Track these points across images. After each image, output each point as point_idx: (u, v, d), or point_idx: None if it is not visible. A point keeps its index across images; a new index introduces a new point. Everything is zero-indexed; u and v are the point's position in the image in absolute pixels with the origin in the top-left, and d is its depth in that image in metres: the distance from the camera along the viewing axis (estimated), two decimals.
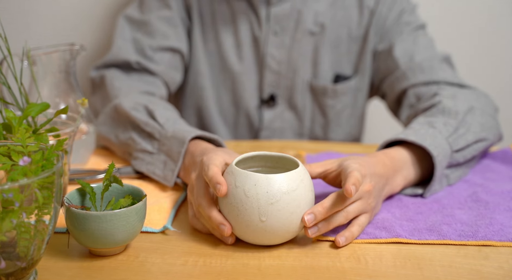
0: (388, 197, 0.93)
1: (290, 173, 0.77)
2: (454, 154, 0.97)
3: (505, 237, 0.82)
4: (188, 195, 0.86)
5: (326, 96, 1.32)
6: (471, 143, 0.99)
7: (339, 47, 1.30)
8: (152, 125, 1.02)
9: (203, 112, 1.36)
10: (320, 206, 0.78)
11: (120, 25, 1.27)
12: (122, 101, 1.09)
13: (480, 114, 1.05)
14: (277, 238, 0.78)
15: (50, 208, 0.67)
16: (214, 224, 0.78)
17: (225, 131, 1.37)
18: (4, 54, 0.91)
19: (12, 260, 0.66)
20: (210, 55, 1.32)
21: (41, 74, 1.03)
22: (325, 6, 1.28)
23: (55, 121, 0.91)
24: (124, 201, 0.78)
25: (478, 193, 0.95)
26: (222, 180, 0.77)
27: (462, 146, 0.98)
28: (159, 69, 1.23)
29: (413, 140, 0.94)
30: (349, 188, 0.78)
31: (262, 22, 1.27)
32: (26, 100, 0.89)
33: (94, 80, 1.23)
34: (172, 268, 0.75)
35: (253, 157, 0.84)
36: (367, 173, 0.83)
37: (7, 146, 0.72)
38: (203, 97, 1.34)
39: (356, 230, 0.81)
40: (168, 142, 0.98)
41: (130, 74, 1.22)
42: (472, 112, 1.04)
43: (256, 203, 0.75)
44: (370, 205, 0.83)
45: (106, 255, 0.77)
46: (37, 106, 0.83)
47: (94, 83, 1.23)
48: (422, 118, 1.03)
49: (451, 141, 0.96)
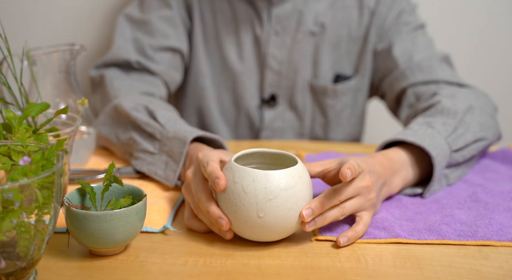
0: (387, 197, 0.93)
1: (288, 169, 0.77)
2: (453, 153, 0.97)
3: (505, 237, 0.82)
4: (184, 193, 0.86)
5: (326, 96, 1.32)
6: (470, 143, 0.99)
7: (339, 48, 1.30)
8: (153, 125, 1.02)
9: (204, 112, 1.36)
10: (317, 200, 0.78)
11: (120, 24, 1.27)
12: (122, 102, 1.09)
13: (479, 113, 1.05)
14: (275, 234, 0.78)
15: (50, 208, 0.67)
16: (213, 218, 0.79)
17: (226, 131, 1.37)
18: (4, 54, 0.91)
19: (12, 260, 0.66)
20: (211, 55, 1.32)
21: (41, 74, 1.03)
22: (326, 7, 1.28)
23: (55, 121, 0.91)
24: (124, 201, 0.78)
25: (478, 193, 0.95)
26: (221, 175, 0.78)
27: (461, 145, 0.98)
28: (159, 69, 1.23)
29: (412, 141, 0.94)
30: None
31: (263, 22, 1.27)
32: (26, 100, 0.89)
33: (93, 80, 1.23)
34: (172, 268, 0.75)
35: (252, 154, 0.84)
36: (367, 168, 0.83)
37: (7, 146, 0.72)
38: (204, 97, 1.34)
39: (360, 229, 0.81)
40: (169, 142, 0.98)
41: (130, 73, 1.22)
42: (471, 111, 1.04)
43: (254, 199, 0.75)
44: (370, 201, 0.83)
45: (106, 255, 0.77)
46: (37, 106, 0.83)
47: (94, 82, 1.23)
48: (421, 119, 1.03)
49: (450, 140, 0.96)
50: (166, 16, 1.26)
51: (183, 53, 1.28)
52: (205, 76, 1.32)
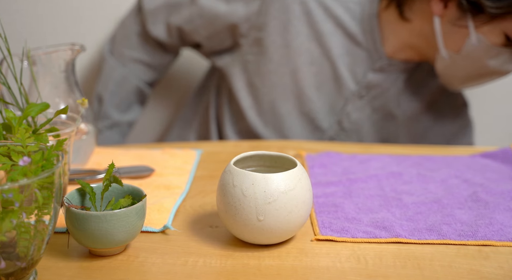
0: (387, 197, 0.93)
1: (288, 172, 0.77)
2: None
3: (505, 236, 0.82)
4: None
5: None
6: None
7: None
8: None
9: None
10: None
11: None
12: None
13: None
14: (274, 237, 0.78)
15: (50, 208, 0.67)
16: None
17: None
18: (4, 54, 0.91)
19: (12, 260, 0.66)
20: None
21: (41, 74, 1.03)
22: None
23: (55, 121, 0.91)
24: (124, 201, 0.78)
25: (478, 193, 0.95)
26: None
27: None
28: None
29: None
30: None
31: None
32: (26, 100, 0.89)
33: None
34: (172, 268, 0.75)
35: (252, 156, 0.84)
36: None
37: (7, 146, 0.72)
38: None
39: None
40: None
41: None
42: None
43: (253, 202, 0.75)
44: None
45: (106, 255, 0.77)
46: (37, 106, 0.83)
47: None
48: None
49: None
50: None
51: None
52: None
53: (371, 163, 1.09)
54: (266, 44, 1.30)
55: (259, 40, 1.31)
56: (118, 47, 1.43)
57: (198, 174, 1.05)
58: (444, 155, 1.16)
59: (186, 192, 0.96)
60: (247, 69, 1.33)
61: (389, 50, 1.30)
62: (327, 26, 1.29)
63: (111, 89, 1.43)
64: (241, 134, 1.39)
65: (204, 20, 1.33)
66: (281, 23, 1.29)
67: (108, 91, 1.43)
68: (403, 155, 1.15)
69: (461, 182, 1.00)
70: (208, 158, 1.12)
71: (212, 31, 1.34)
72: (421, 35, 1.26)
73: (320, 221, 0.86)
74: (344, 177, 1.01)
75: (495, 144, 1.47)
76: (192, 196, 0.96)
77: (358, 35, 1.29)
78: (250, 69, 1.33)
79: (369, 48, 1.30)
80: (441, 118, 1.40)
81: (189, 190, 0.98)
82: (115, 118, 1.44)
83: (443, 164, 1.09)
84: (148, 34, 1.40)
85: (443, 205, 0.92)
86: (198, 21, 1.34)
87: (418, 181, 1.01)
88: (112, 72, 1.43)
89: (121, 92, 1.44)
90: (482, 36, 1.17)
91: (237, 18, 1.30)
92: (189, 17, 1.34)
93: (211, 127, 1.44)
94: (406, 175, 1.03)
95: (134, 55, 1.42)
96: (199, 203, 0.93)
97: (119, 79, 1.43)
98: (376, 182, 1.00)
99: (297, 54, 1.30)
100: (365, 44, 1.30)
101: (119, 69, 1.42)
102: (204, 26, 1.34)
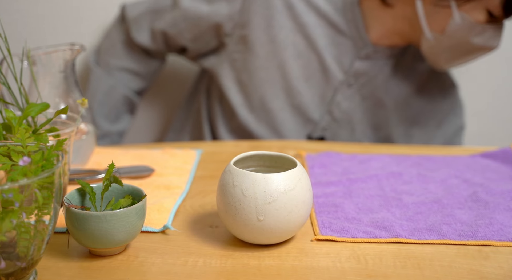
0: (387, 197, 0.93)
1: (287, 172, 0.77)
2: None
3: (505, 236, 0.82)
4: None
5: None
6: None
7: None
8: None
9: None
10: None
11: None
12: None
13: None
14: (274, 237, 0.78)
15: (50, 208, 0.67)
16: None
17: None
18: (4, 54, 0.91)
19: (12, 260, 0.66)
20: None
21: (41, 74, 1.03)
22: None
23: (55, 121, 0.91)
24: (124, 201, 0.78)
25: (478, 193, 0.95)
26: None
27: None
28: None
29: None
30: None
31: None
32: (26, 100, 0.89)
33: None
34: (172, 268, 0.75)
35: (252, 156, 0.84)
36: None
37: (7, 146, 0.72)
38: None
39: None
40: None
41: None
42: None
43: (253, 202, 0.75)
44: None
45: (106, 255, 0.77)
46: (37, 106, 0.83)
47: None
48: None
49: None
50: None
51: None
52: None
53: (371, 163, 1.09)
54: (251, 41, 1.31)
55: (244, 37, 1.31)
56: (104, 57, 1.43)
57: (198, 174, 1.05)
58: (444, 155, 1.16)
59: (186, 192, 0.96)
60: (235, 67, 1.34)
61: (373, 37, 1.31)
62: (310, 18, 1.30)
63: (99, 99, 1.43)
64: (234, 133, 1.39)
65: (188, 23, 1.34)
66: (264, 19, 1.30)
67: (96, 101, 1.43)
68: (403, 155, 1.15)
69: (461, 182, 1.00)
70: (208, 158, 1.12)
71: (197, 33, 1.35)
72: (405, 19, 1.27)
73: (320, 221, 0.86)
74: (344, 177, 1.01)
75: (495, 144, 1.47)
76: (192, 196, 0.96)
77: (341, 25, 1.30)
78: (238, 67, 1.33)
79: (353, 37, 1.31)
80: (431, 101, 1.41)
81: (189, 190, 0.98)
82: (105, 129, 1.45)
83: (443, 164, 1.09)
84: (133, 42, 1.41)
85: (443, 205, 0.92)
86: (182, 25, 1.34)
87: (418, 181, 1.01)
88: (99, 82, 1.43)
89: (110, 102, 1.44)
90: (465, 15, 1.19)
91: (221, 17, 1.31)
92: (173, 21, 1.35)
93: (204, 129, 1.44)
94: (406, 175, 1.03)
95: (120, 64, 1.43)
96: (199, 203, 0.93)
97: (106, 89, 1.43)
98: (376, 182, 1.00)
99: (283, 48, 1.31)
100: (349, 33, 1.31)
101: (106, 79, 1.42)
102: (188, 29, 1.35)
